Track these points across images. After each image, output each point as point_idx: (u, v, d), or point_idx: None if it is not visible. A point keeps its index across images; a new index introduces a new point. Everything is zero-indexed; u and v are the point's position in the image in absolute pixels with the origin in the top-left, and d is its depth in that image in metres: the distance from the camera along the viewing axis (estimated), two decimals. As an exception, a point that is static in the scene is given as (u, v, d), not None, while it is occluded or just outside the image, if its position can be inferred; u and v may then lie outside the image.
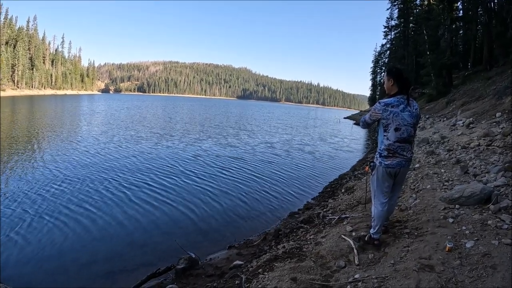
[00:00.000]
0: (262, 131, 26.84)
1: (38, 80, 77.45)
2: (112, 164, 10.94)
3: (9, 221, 6.07)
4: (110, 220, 6.44)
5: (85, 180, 8.86)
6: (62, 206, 6.95)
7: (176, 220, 6.62)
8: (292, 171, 11.65)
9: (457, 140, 8.89)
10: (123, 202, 7.40)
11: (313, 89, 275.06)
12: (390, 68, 3.52)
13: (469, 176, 5.41)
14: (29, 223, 6.04)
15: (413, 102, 3.34)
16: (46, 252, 5.13)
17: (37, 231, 5.77)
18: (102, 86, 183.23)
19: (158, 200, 7.69)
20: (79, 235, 5.75)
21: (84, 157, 11.76)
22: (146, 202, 7.50)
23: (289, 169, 11.99)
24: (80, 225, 6.12)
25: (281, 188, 9.37)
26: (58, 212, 6.62)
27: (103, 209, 6.92)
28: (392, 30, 42.78)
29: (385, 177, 3.40)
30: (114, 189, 8.28)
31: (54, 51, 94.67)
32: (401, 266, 2.99)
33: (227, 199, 8.06)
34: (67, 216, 6.46)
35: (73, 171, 9.71)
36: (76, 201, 7.29)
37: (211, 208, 7.38)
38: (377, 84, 53.44)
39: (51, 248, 5.28)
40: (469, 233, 3.36)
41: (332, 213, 5.85)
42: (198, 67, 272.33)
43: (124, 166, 10.71)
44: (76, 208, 6.89)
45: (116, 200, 7.51)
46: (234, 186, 9.27)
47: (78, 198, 7.45)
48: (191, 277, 4.35)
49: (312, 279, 3.15)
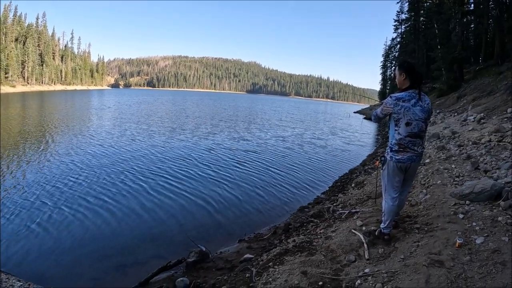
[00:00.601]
0: (272, 125, 26.89)
1: (48, 76, 78.15)
2: (125, 158, 11.10)
3: (26, 213, 6.22)
4: (122, 213, 6.55)
5: (97, 174, 8.99)
6: (75, 200, 7.07)
7: (186, 214, 6.69)
8: (302, 165, 11.67)
9: (467, 136, 8.82)
10: (134, 196, 7.51)
11: (322, 83, 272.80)
12: (402, 62, 3.50)
13: (479, 172, 5.38)
14: (42, 216, 6.17)
15: (424, 96, 3.31)
16: (61, 245, 5.24)
17: (51, 224, 5.89)
18: (112, 81, 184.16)
19: (168, 193, 7.78)
20: (91, 228, 5.86)
21: (97, 151, 11.97)
22: (157, 195, 7.60)
23: (299, 163, 12.02)
24: (92, 219, 6.22)
25: (291, 182, 9.40)
26: (71, 206, 6.74)
27: (115, 203, 7.03)
28: (403, 24, 42.15)
29: (395, 172, 3.40)
30: (126, 183, 8.39)
31: (64, 47, 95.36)
32: (411, 261, 3.01)
33: (237, 193, 8.12)
34: (80, 210, 6.58)
35: (86, 165, 9.88)
36: (87, 195, 7.41)
37: (221, 202, 7.45)
38: (387, 78, 52.77)
39: (65, 241, 5.38)
40: (479, 229, 3.36)
41: (342, 207, 5.86)
42: (208, 62, 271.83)
43: (136, 160, 10.85)
44: (88, 202, 7.01)
45: (127, 194, 7.61)
46: (244, 180, 9.33)
47: (89, 192, 7.57)
48: (202, 270, 4.39)
49: (322, 273, 3.18)
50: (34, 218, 6.07)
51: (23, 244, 5.16)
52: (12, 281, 2.95)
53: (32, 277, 4.11)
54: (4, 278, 2.98)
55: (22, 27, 74.08)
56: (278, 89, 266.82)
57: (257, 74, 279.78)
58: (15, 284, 2.89)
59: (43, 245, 5.21)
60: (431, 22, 26.92)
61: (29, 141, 13.12)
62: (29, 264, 4.66)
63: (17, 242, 5.21)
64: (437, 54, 24.34)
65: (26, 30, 74.73)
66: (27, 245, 5.16)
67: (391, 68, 51.34)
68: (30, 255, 4.91)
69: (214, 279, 3.97)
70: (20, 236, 5.40)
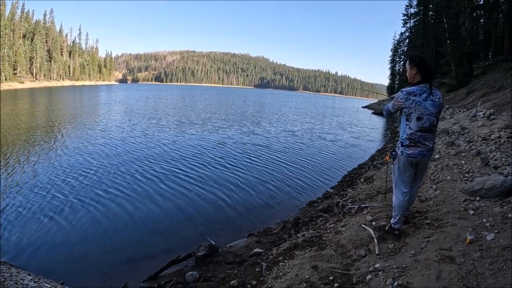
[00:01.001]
0: (281, 119, 26.94)
1: (56, 72, 78.63)
2: (135, 152, 11.23)
3: (37, 207, 6.34)
4: (132, 207, 6.63)
5: (107, 168, 9.11)
6: (85, 194, 7.17)
7: (196, 208, 6.75)
8: (310, 160, 11.69)
9: (477, 132, 8.73)
10: (144, 190, 7.59)
11: (331, 78, 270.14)
12: (413, 56, 3.47)
13: (489, 168, 5.33)
14: (53, 210, 6.27)
15: (436, 91, 3.29)
16: (71, 239, 5.32)
17: (62, 218, 5.98)
18: (120, 76, 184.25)
19: (178, 187, 7.86)
20: (102, 222, 5.94)
21: (108, 145, 12.18)
22: (167, 189, 7.67)
23: (308, 158, 12.05)
24: (102, 212, 6.31)
25: (300, 176, 9.44)
26: (81, 199, 6.84)
27: (125, 197, 7.12)
28: (411, 18, 41.68)
29: (406, 167, 3.39)
30: (136, 177, 8.49)
31: (72, 43, 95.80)
32: (422, 257, 3.01)
33: (246, 187, 8.18)
34: (90, 204, 6.67)
35: (96, 159, 10.03)
36: (98, 189, 7.50)
37: (231, 196, 7.50)
38: (396, 73, 52.33)
39: (75, 234, 5.47)
40: (489, 226, 3.35)
41: (352, 202, 5.86)
42: (215, 56, 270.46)
43: (146, 154, 10.97)
44: (98, 196, 7.10)
45: (137, 187, 7.70)
46: (253, 174, 9.39)
47: (100, 186, 7.67)
48: (211, 264, 4.43)
49: (333, 268, 3.20)
50: (45, 211, 6.17)
51: (34, 238, 5.24)
52: (22, 275, 2.98)
53: (42, 271, 4.14)
54: (14, 272, 3.02)
55: (29, 23, 74.50)
56: (286, 84, 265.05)
57: (265, 68, 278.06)
58: (25, 278, 2.92)
59: (54, 239, 5.29)
60: (440, 16, 26.59)
61: (40, 135, 13.32)
62: (40, 258, 4.73)
63: (28, 236, 5.29)
64: (446, 49, 24.09)
65: (33, 26, 75.15)
66: (38, 239, 5.24)
67: (399, 63, 50.85)
68: (41, 249, 4.98)
69: (224, 273, 4.00)
70: (31, 230, 5.49)
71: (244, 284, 3.42)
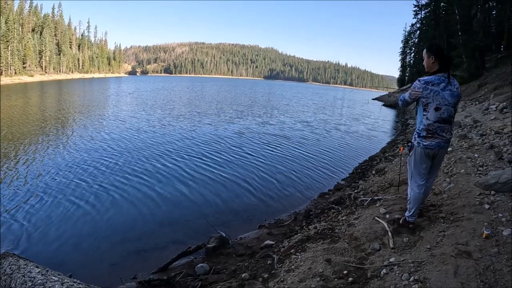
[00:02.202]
0: (292, 111, 26.89)
1: (65, 65, 79.04)
2: (146, 143, 11.34)
3: (46, 199, 6.38)
4: (143, 198, 6.65)
5: (117, 160, 9.15)
6: (95, 185, 7.21)
7: (206, 199, 6.76)
8: (321, 151, 11.68)
9: (490, 125, 8.60)
10: (155, 181, 7.61)
11: (340, 69, 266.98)
12: (431, 44, 3.37)
13: (503, 162, 5.25)
14: (62, 201, 6.31)
15: (454, 81, 3.20)
16: (80, 230, 5.35)
17: (71, 209, 6.02)
18: (129, 69, 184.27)
19: (188, 179, 7.88)
20: (111, 213, 5.98)
21: (119, 135, 12.36)
22: (177, 181, 7.70)
23: (318, 149, 12.04)
24: (112, 203, 6.35)
25: (310, 168, 9.40)
26: (90, 191, 6.89)
27: (135, 188, 7.14)
28: (422, 9, 40.91)
29: (423, 158, 3.31)
30: (146, 168, 8.52)
31: (80, 36, 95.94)
32: (438, 251, 2.96)
33: (257, 178, 8.18)
34: (99, 195, 6.71)
35: (106, 151, 10.12)
36: (107, 180, 7.54)
37: (241, 187, 7.50)
38: (406, 65, 51.72)
39: (84, 225, 5.50)
40: (505, 221, 3.29)
41: (364, 194, 5.81)
42: (224, 48, 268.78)
43: (157, 146, 11.01)
44: (108, 187, 7.13)
45: (147, 178, 7.74)
46: (263, 165, 9.39)
47: (109, 178, 7.70)
48: (222, 256, 4.42)
49: (347, 261, 3.16)
50: (54, 203, 6.21)
51: (42, 230, 5.27)
52: (30, 267, 2.98)
53: (51, 263, 4.10)
54: (22, 264, 3.02)
55: (38, 17, 74.84)
56: (295, 75, 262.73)
57: (274, 60, 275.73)
58: (33, 270, 2.92)
59: (63, 230, 5.31)
60: (452, 8, 26.04)
61: (53, 127, 13.51)
62: (48, 250, 4.76)
63: (36, 227, 5.31)
64: (458, 41, 23.67)
65: (42, 20, 75.48)
66: (47, 230, 5.27)
67: (410, 55, 50.22)
68: (49, 240, 5.00)
69: (235, 265, 3.98)
70: (40, 222, 5.51)
71: (256, 277, 3.38)
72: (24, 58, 62.46)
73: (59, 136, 12.13)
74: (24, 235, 5.06)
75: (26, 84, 47.63)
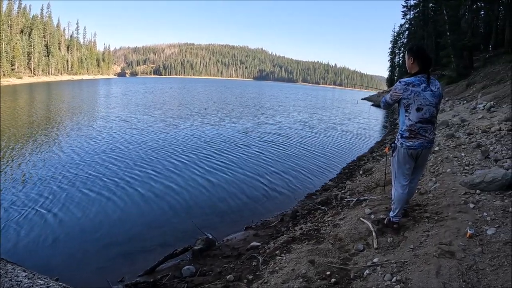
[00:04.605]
0: (282, 112, 26.87)
1: (54, 67, 78.17)
2: (129, 145, 11.20)
3: (33, 202, 6.28)
4: (128, 200, 6.59)
5: (102, 162, 9.03)
6: (80, 188, 7.10)
7: (193, 201, 6.71)
8: (309, 152, 11.63)
9: (477, 124, 8.68)
10: (141, 183, 7.52)
11: (330, 69, 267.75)
12: (411, 46, 3.41)
13: (490, 161, 5.29)
14: (48, 205, 6.21)
15: (435, 81, 3.22)
16: (67, 234, 5.27)
17: (57, 213, 5.92)
18: (118, 70, 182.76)
19: (175, 181, 7.80)
20: (98, 216, 5.91)
21: (98, 140, 11.92)
22: (163, 183, 7.62)
23: (306, 149, 12.01)
24: (98, 206, 6.27)
25: (298, 168, 9.36)
26: (76, 194, 6.79)
27: (121, 190, 7.07)
28: (411, 10, 41.36)
29: (406, 159, 3.32)
30: (131, 170, 8.43)
31: (69, 37, 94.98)
32: (421, 251, 2.95)
33: (244, 180, 8.13)
34: (86, 198, 6.62)
35: (91, 153, 9.90)
36: (93, 183, 7.44)
37: (228, 189, 7.46)
38: (395, 65, 52.13)
39: (71, 229, 5.43)
40: (490, 220, 3.29)
41: (350, 195, 5.81)
42: (214, 49, 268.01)
43: (141, 147, 10.87)
44: (93, 190, 7.04)
45: (132, 181, 7.64)
46: (251, 166, 9.35)
47: (95, 180, 7.60)
48: (208, 258, 4.40)
49: (330, 262, 3.14)
50: (40, 207, 6.11)
51: (28, 233, 5.20)
52: (17, 271, 2.94)
53: (38, 266, 4.07)
54: (10, 268, 2.98)
55: (27, 18, 73.91)
56: (285, 76, 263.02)
57: (264, 60, 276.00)
58: (20, 274, 2.88)
59: (49, 234, 5.24)
60: (441, 8, 26.34)
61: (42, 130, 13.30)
62: (36, 253, 4.70)
63: (24, 231, 5.24)
64: (446, 41, 23.93)
65: (31, 21, 74.57)
66: (33, 233, 5.20)
67: (399, 55, 50.59)
68: (37, 243, 4.95)
69: (221, 267, 3.97)
70: (27, 225, 5.43)
71: (240, 279, 3.38)
72: (12, 60, 61.66)
73: (45, 139, 11.98)
74: (12, 239, 4.98)
75: (15, 86, 46.96)
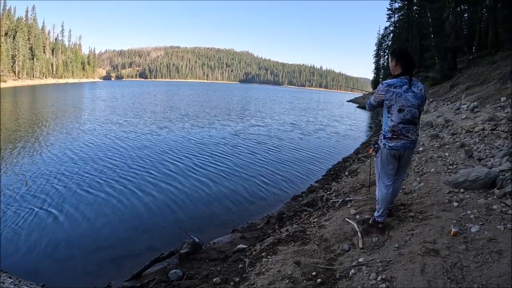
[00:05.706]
0: (268, 115, 26.89)
1: (39, 70, 77.07)
2: (115, 149, 11.05)
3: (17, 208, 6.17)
4: (115, 205, 6.52)
5: (85, 168, 8.91)
6: (65, 193, 7.01)
7: (179, 204, 6.67)
8: (295, 154, 11.68)
9: (461, 124, 8.81)
10: (126, 188, 7.44)
11: (315, 72, 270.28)
12: (394, 49, 3.48)
13: (473, 160, 5.37)
14: (33, 212, 6.10)
15: (417, 83, 3.27)
16: (53, 239, 5.20)
17: (43, 219, 5.83)
18: (104, 73, 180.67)
19: (160, 185, 7.73)
20: (84, 222, 5.83)
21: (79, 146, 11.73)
22: (150, 187, 7.55)
23: (292, 152, 12.04)
24: (84, 211, 6.18)
25: (284, 171, 9.39)
26: (62, 199, 6.69)
27: (108, 195, 6.99)
28: (396, 13, 41.95)
29: (389, 159, 3.36)
30: (116, 175, 8.33)
31: (54, 40, 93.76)
32: (406, 250, 2.98)
33: (230, 182, 8.12)
34: (71, 203, 6.53)
35: (75, 158, 9.76)
36: (78, 188, 7.34)
37: (215, 192, 7.43)
38: (380, 67, 52.74)
39: (57, 235, 5.35)
40: (474, 218, 3.33)
41: (336, 196, 5.84)
42: (200, 52, 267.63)
43: (126, 151, 10.76)
44: (79, 195, 6.95)
45: (119, 187, 7.54)
46: (237, 169, 9.34)
47: (80, 185, 7.51)
48: (195, 261, 4.38)
49: (316, 263, 3.14)
50: (25, 213, 6.00)
51: (14, 240, 5.12)
52: (3, 278, 2.89)
53: (23, 273, 4.06)
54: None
55: (11, 21, 72.70)
56: (271, 79, 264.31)
57: (249, 63, 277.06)
58: (5, 281, 2.83)
59: (35, 240, 5.17)
60: (425, 11, 26.79)
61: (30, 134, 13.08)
62: (22, 259, 4.64)
63: (10, 237, 5.17)
64: (430, 43, 24.30)
65: (15, 24, 73.38)
66: (19, 240, 5.12)
67: (384, 57, 51.25)
68: (22, 250, 4.87)
69: (207, 270, 3.94)
70: (13, 231, 5.35)
71: (227, 281, 3.35)
72: (-4, 63, 60.61)
73: (31, 145, 11.79)
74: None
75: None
